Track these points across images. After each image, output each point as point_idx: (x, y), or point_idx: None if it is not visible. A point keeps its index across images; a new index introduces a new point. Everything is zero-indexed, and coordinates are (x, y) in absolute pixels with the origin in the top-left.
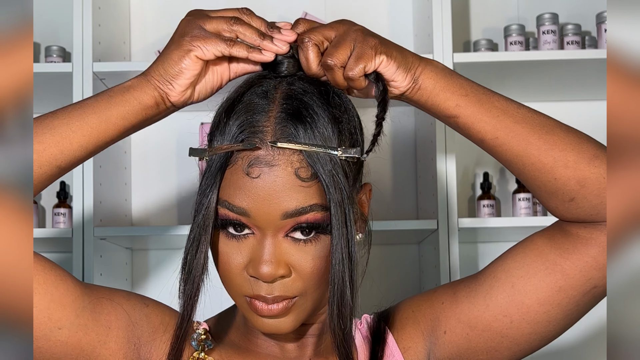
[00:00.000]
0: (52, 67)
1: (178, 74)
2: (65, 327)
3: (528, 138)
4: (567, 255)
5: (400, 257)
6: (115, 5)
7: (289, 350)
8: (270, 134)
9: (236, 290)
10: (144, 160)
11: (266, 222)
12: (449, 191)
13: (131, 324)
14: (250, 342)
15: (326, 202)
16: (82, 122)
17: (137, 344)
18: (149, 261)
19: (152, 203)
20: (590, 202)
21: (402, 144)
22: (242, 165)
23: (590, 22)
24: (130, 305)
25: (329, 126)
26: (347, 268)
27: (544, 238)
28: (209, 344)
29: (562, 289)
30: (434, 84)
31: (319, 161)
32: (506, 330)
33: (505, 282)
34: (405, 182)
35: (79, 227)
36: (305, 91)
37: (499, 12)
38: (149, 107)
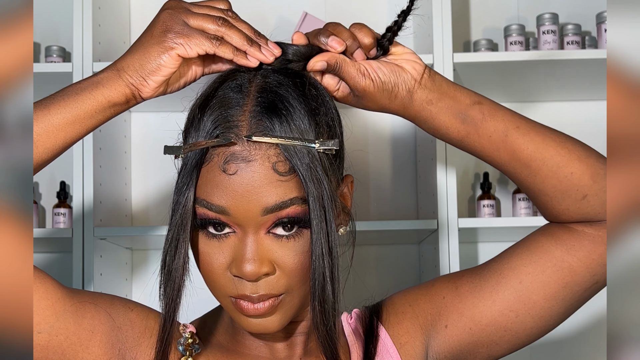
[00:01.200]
0: (52, 67)
1: (155, 71)
2: (45, 331)
3: (542, 130)
4: (574, 252)
5: (400, 257)
6: (115, 5)
7: (278, 350)
8: (245, 128)
9: (220, 291)
10: (144, 161)
11: (246, 219)
12: (449, 191)
13: (115, 328)
14: (238, 343)
15: (305, 196)
16: (47, 123)
17: (121, 349)
18: (149, 261)
19: (152, 203)
20: (600, 199)
21: (402, 144)
22: (218, 162)
23: (590, 22)
24: (115, 310)
25: (305, 118)
26: (328, 263)
27: (546, 236)
28: (196, 348)
29: (568, 285)
30: (448, 80)
31: (296, 154)
32: (510, 325)
33: (512, 279)
34: (405, 182)
35: (79, 227)
36: (280, 84)
37: (499, 12)
38: (118, 104)
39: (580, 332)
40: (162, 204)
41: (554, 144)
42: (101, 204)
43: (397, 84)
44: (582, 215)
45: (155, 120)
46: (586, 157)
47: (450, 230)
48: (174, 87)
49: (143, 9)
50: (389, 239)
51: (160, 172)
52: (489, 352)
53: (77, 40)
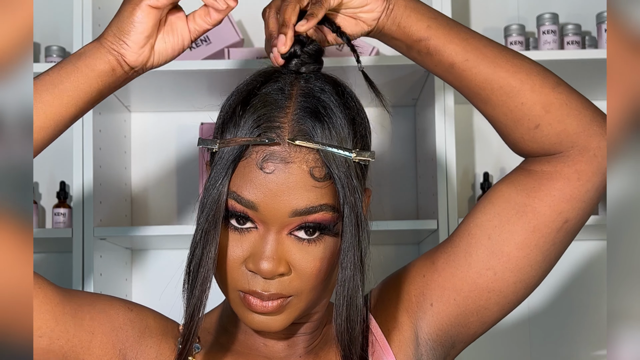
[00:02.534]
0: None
1: (131, 29)
2: (46, 335)
3: (496, 60)
4: (534, 194)
5: (400, 257)
6: (115, 6)
7: (278, 350)
8: (287, 130)
9: (231, 284)
10: (144, 161)
11: (273, 217)
12: (449, 191)
13: (115, 329)
14: (238, 342)
15: (335, 204)
16: (36, 101)
17: (122, 349)
18: (149, 261)
19: (152, 203)
20: (554, 129)
21: (402, 144)
22: (257, 159)
23: (590, 22)
24: (114, 311)
25: (345, 127)
26: (359, 271)
27: (507, 184)
28: (197, 347)
29: (537, 228)
30: (406, 5)
31: (334, 162)
32: (492, 284)
33: (481, 237)
34: (405, 182)
35: (78, 227)
36: (322, 90)
37: (499, 12)
38: (104, 73)
39: (580, 331)
40: (162, 204)
41: (505, 75)
42: (101, 204)
43: (353, 35)
44: (537, 144)
45: (155, 120)
46: (540, 86)
47: (450, 230)
48: (162, 55)
49: None
50: (389, 239)
51: (160, 172)
52: (480, 319)
53: (77, 40)
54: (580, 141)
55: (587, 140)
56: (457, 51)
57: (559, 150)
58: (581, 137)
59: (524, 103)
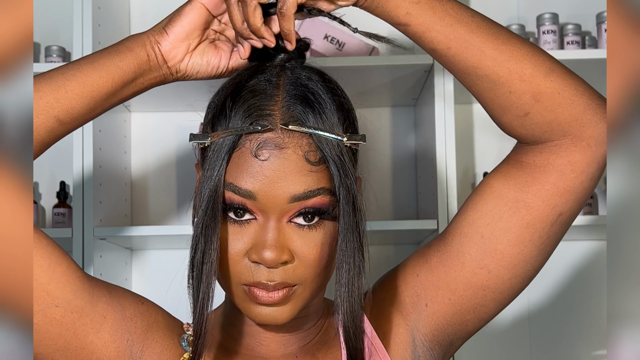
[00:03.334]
0: (52, 67)
1: (176, 20)
2: (62, 306)
3: (483, 49)
4: (527, 188)
5: (400, 257)
6: (115, 5)
7: (273, 349)
8: (278, 117)
9: (234, 279)
10: (144, 160)
11: (272, 205)
12: (449, 191)
13: (126, 318)
14: (236, 342)
15: (332, 187)
16: (77, 70)
17: (129, 339)
18: (149, 261)
19: (152, 203)
20: (544, 118)
21: (402, 143)
22: (251, 147)
23: (590, 22)
24: (127, 301)
25: (335, 113)
26: (359, 253)
27: (499, 177)
28: None
29: (530, 224)
30: None
31: (327, 145)
32: (486, 282)
33: (473, 235)
34: (405, 182)
35: (79, 227)
36: (309, 78)
37: (499, 12)
38: (140, 57)
39: (580, 331)
40: (162, 203)
41: (492, 64)
42: (101, 204)
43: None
44: (527, 131)
45: (155, 120)
46: (530, 75)
47: None
48: (195, 64)
49: (143, 9)
50: (389, 239)
51: (160, 172)
52: (478, 316)
53: (77, 40)
54: (573, 130)
55: (580, 129)
56: (438, 39)
57: (551, 139)
58: (573, 126)
59: (512, 92)
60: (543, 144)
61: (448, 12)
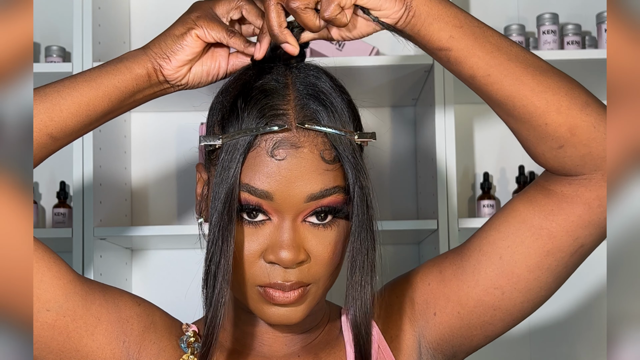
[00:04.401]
0: (52, 67)
1: (178, 50)
2: (53, 310)
3: (521, 78)
4: (552, 217)
5: (400, 257)
6: (115, 5)
7: (276, 349)
8: (293, 116)
9: (250, 280)
10: (144, 161)
11: (289, 205)
12: (449, 191)
13: (122, 320)
14: (238, 342)
15: (346, 185)
16: (72, 89)
17: (126, 341)
18: (149, 261)
19: (152, 203)
20: (579, 152)
21: (402, 143)
22: (266, 147)
23: (590, 22)
24: (123, 302)
25: (345, 111)
26: (372, 250)
27: (525, 202)
28: (198, 346)
29: (551, 252)
30: (429, 10)
31: (341, 144)
32: (498, 303)
33: (492, 255)
34: (405, 182)
35: (79, 227)
36: (317, 77)
37: (499, 12)
38: (140, 77)
39: (580, 331)
40: (162, 203)
41: (530, 94)
42: (101, 204)
43: (365, 35)
44: (560, 164)
45: (155, 120)
46: (567, 107)
47: (450, 231)
48: (196, 76)
49: (143, 9)
50: (389, 239)
51: (160, 171)
52: (484, 333)
53: (77, 40)
54: (605, 166)
55: None
56: (479, 65)
57: (582, 173)
58: (606, 161)
59: (548, 124)
60: (573, 176)
61: (488, 39)
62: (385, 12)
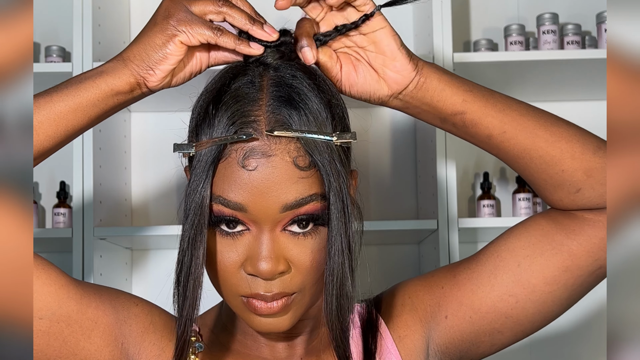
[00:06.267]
0: (52, 67)
1: (162, 60)
2: (46, 317)
3: (535, 131)
4: (574, 236)
5: (400, 257)
6: (115, 5)
7: (279, 350)
8: (264, 123)
9: (232, 291)
10: (144, 160)
11: (264, 216)
12: (449, 191)
13: (119, 321)
14: (239, 343)
15: (324, 191)
16: (49, 111)
17: (124, 342)
18: (149, 261)
19: (152, 203)
20: (597, 191)
21: (402, 143)
22: (237, 157)
23: (590, 22)
24: (119, 303)
25: (322, 111)
26: (347, 258)
27: (547, 219)
28: (199, 346)
29: (569, 269)
30: (439, 78)
31: (316, 148)
32: (511, 311)
33: (510, 262)
34: (405, 182)
35: (78, 227)
36: (293, 76)
37: (499, 12)
38: (122, 93)
39: (580, 331)
40: (162, 203)
41: (544, 144)
42: (101, 204)
43: (370, 95)
44: (577, 206)
45: (155, 120)
46: (581, 153)
47: (450, 230)
48: (179, 79)
49: (143, 9)
50: (389, 239)
51: (160, 171)
52: (492, 341)
53: (77, 40)
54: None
55: None
56: (494, 124)
57: (601, 207)
58: None
59: (565, 170)
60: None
61: (497, 99)
62: (398, 63)
